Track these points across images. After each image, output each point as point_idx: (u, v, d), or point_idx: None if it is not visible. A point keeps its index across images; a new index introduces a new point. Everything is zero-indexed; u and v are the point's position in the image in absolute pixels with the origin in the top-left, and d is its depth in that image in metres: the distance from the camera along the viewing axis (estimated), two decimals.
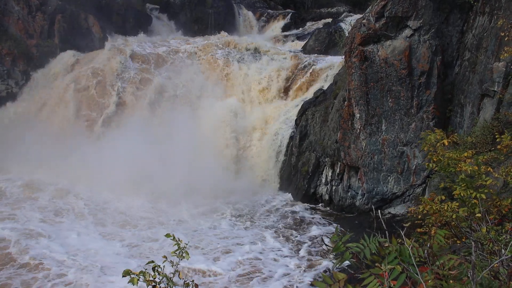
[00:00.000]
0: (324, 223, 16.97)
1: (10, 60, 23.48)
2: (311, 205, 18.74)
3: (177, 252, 3.50)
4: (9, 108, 23.34)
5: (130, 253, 14.03)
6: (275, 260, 13.77)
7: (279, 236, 15.67)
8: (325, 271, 12.62)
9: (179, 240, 3.47)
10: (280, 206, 18.66)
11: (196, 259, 13.20)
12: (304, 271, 13.06)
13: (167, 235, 3.55)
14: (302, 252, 14.33)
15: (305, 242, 15.14)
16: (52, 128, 22.08)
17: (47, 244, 14.26)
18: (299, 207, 18.51)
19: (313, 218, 17.47)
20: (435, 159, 6.37)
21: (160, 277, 3.23)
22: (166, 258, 3.44)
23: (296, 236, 15.68)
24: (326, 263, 13.31)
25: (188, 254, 3.49)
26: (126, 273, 3.14)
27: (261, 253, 14.24)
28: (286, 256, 14.04)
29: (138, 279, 3.13)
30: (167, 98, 23.18)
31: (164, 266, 3.38)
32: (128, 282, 3.11)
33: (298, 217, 17.54)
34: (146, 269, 3.25)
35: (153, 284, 3.17)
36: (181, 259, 3.45)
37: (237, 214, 17.47)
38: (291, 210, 18.20)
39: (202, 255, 13.85)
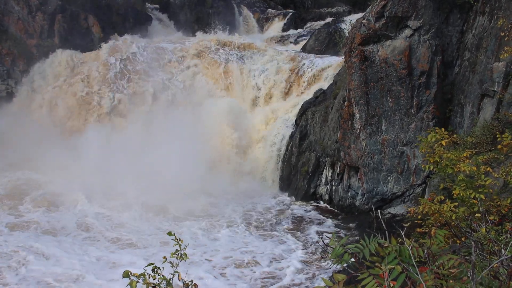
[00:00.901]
0: (324, 224, 16.96)
1: (10, 60, 23.46)
2: (311, 205, 18.72)
3: (177, 253, 3.48)
4: (9, 107, 23.32)
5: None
6: (283, 266, 13.52)
7: (282, 239, 15.52)
8: (330, 277, 12.46)
9: (179, 240, 3.46)
10: (280, 207, 18.59)
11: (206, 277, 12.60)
12: (313, 275, 12.90)
13: (169, 233, 3.54)
14: (307, 255, 14.23)
15: (307, 244, 15.10)
16: (50, 128, 22.01)
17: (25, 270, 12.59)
18: (300, 207, 18.48)
19: (314, 218, 17.45)
20: (431, 161, 6.36)
21: (159, 279, 3.21)
22: (166, 259, 3.43)
23: (299, 238, 15.62)
24: (333, 267, 13.01)
25: (186, 256, 3.48)
26: (126, 274, 3.11)
27: (267, 259, 13.88)
28: (292, 259, 13.84)
29: (138, 281, 3.11)
30: (165, 99, 23.13)
31: (163, 268, 3.37)
32: (127, 286, 3.08)
33: (299, 218, 17.49)
34: (145, 270, 3.23)
35: (152, 285, 3.15)
36: (181, 261, 3.44)
37: (240, 219, 17.08)
38: (292, 211, 18.13)
39: (210, 271, 13.13)
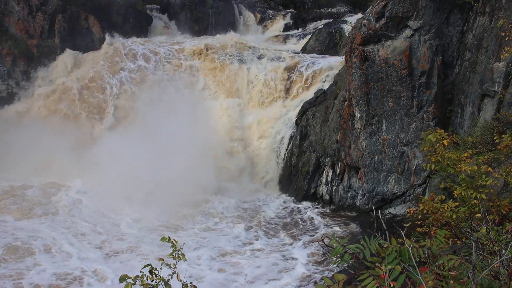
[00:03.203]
0: (325, 224, 16.93)
1: (10, 60, 23.44)
2: (312, 206, 18.68)
3: (174, 254, 3.46)
4: (10, 107, 23.29)
5: None
6: (287, 268, 13.46)
7: (284, 239, 15.44)
8: (331, 278, 12.35)
9: (174, 241, 3.44)
10: (281, 207, 18.55)
11: None
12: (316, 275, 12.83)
13: (163, 239, 3.50)
14: (309, 257, 14.18)
15: (308, 243, 15.06)
16: (52, 128, 21.97)
17: None
18: (300, 207, 18.43)
19: (314, 218, 17.41)
20: (433, 160, 6.35)
21: (157, 280, 3.18)
22: (163, 260, 3.40)
23: (299, 238, 15.58)
24: (334, 267, 12.94)
25: (184, 256, 3.45)
26: (123, 278, 3.08)
27: (272, 263, 13.75)
28: (297, 264, 13.79)
29: (134, 283, 3.07)
30: (166, 99, 23.09)
31: (161, 269, 3.33)
32: None
33: (299, 218, 17.44)
34: (142, 272, 3.20)
35: (150, 287, 3.12)
36: (178, 261, 3.41)
37: (241, 222, 16.89)
38: (292, 212, 18.09)
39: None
